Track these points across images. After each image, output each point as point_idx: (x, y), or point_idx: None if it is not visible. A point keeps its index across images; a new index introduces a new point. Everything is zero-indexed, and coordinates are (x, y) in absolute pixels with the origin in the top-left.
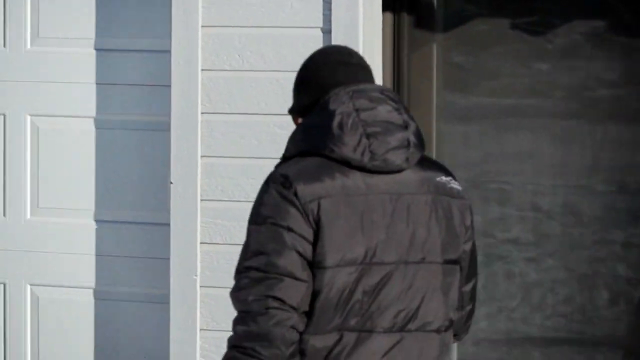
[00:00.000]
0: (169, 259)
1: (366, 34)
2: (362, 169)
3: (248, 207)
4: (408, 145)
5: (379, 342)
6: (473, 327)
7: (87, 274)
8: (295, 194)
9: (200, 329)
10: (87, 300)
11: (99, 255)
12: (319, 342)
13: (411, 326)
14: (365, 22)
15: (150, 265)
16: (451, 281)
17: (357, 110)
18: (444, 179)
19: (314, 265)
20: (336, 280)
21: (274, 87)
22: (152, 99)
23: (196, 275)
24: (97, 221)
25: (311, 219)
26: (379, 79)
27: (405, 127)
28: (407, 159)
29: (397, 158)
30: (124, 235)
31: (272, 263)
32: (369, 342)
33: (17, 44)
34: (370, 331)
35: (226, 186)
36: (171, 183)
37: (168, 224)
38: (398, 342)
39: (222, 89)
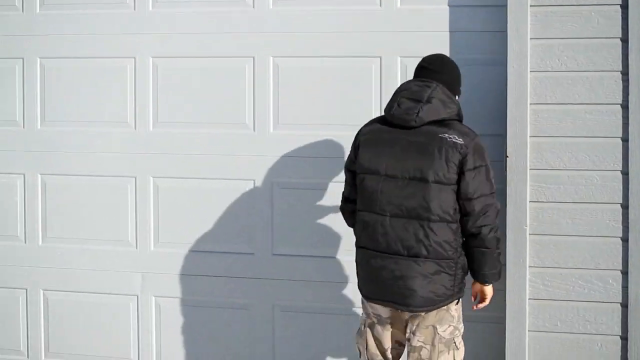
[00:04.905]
0: None
1: None
2: (392, 123)
3: (563, 174)
4: (418, 113)
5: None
6: None
7: None
8: (358, 133)
9: (529, 266)
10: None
11: None
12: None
13: (399, 212)
14: None
15: None
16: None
17: (400, 90)
18: (446, 135)
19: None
20: (365, 182)
21: (584, 83)
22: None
23: (526, 226)
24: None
25: (355, 146)
26: None
27: (419, 101)
28: (414, 121)
29: (408, 119)
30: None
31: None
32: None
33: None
34: (382, 214)
35: (549, 158)
36: (507, 157)
37: None
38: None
39: (547, 85)
